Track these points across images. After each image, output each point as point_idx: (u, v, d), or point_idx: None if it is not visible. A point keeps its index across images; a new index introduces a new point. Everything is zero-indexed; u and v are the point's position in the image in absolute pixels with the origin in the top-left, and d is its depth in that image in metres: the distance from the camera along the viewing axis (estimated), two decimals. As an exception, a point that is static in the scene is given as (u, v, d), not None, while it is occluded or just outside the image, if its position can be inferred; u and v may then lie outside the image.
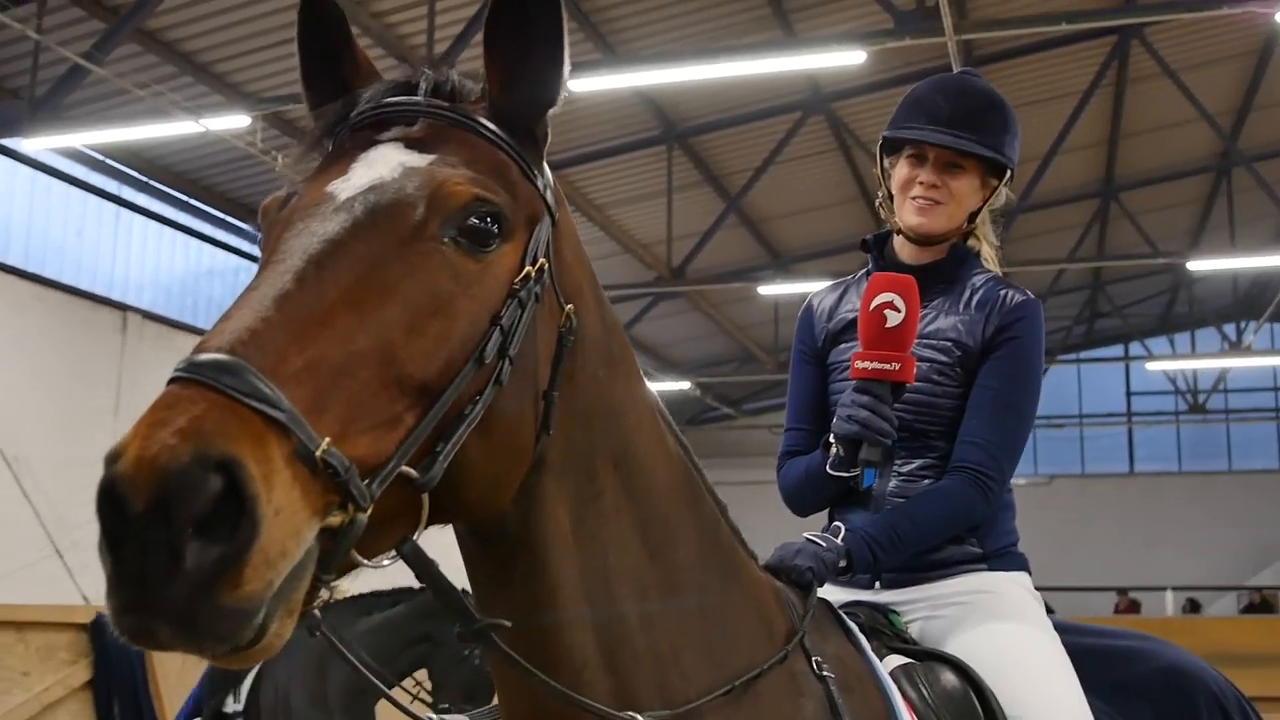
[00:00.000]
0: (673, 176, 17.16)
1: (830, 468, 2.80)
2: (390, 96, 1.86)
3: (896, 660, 2.59)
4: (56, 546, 12.98)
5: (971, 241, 3.06)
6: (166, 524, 1.31)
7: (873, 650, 2.51)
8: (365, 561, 1.56)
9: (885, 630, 2.70)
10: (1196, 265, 18.72)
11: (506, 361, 1.71)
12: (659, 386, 21.48)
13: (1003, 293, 2.90)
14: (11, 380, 13.61)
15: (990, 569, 2.87)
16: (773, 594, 2.35)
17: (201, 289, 17.47)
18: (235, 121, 12.16)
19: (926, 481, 2.85)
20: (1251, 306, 28.34)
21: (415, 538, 1.64)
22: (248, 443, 1.37)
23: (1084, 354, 33.54)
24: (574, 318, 1.91)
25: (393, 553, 1.63)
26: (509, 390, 1.73)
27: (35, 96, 11.86)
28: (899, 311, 2.65)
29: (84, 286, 15.04)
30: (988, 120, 2.94)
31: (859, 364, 2.69)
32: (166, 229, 16.63)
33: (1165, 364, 28.76)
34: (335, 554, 1.48)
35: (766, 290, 18.81)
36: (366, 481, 1.50)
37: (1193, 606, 26.71)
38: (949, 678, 2.58)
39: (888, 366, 2.65)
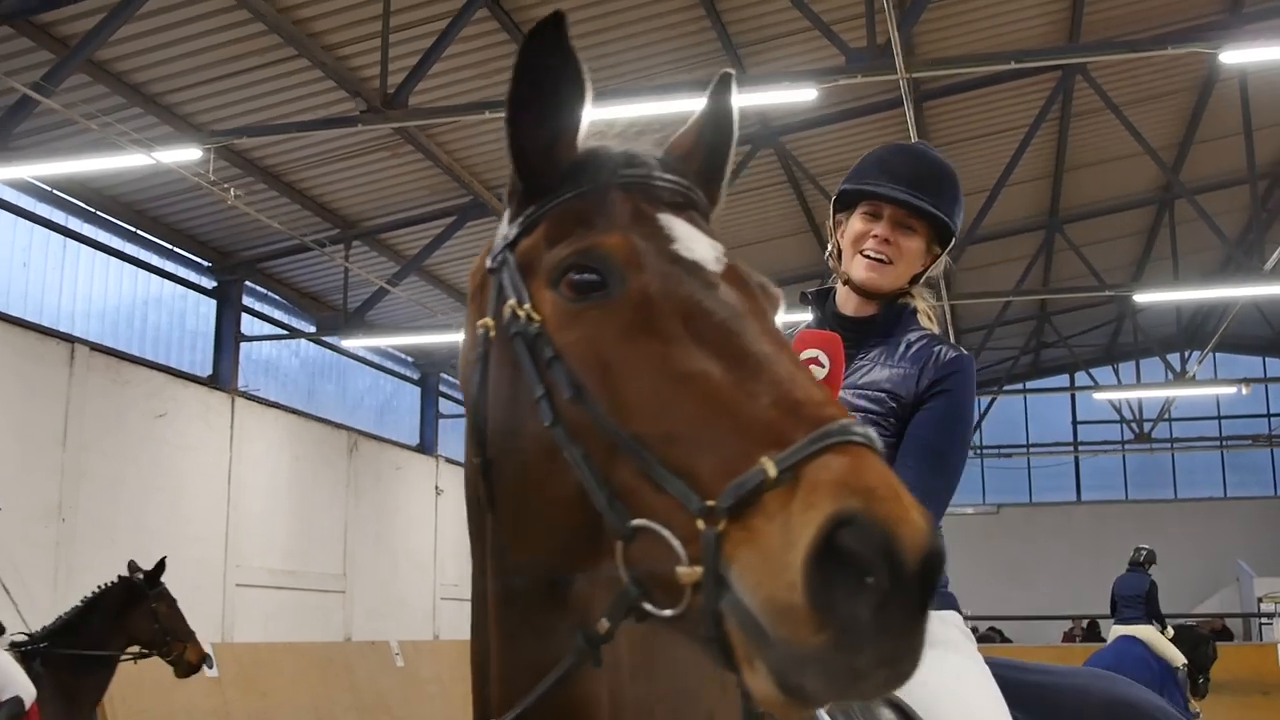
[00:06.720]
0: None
1: None
2: (661, 171, 1.92)
3: None
4: (-1, 576, 12.81)
5: (905, 298, 3.15)
6: (927, 583, 1.42)
7: None
8: None
9: None
10: (1142, 297, 18.99)
11: None
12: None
13: (937, 348, 2.98)
14: (-44, 412, 13.47)
15: None
16: None
17: (149, 320, 17.35)
18: (186, 154, 12.14)
19: None
20: (1195, 336, 28.79)
21: None
22: None
23: (1030, 384, 33.94)
24: None
25: None
26: None
27: (-17, 126, 11.81)
28: (823, 367, 2.71)
29: (31, 318, 14.88)
30: (944, 188, 3.04)
31: None
32: (114, 260, 16.53)
33: (1111, 394, 29.13)
34: None
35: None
36: None
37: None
38: (887, 715, 2.60)
39: None
